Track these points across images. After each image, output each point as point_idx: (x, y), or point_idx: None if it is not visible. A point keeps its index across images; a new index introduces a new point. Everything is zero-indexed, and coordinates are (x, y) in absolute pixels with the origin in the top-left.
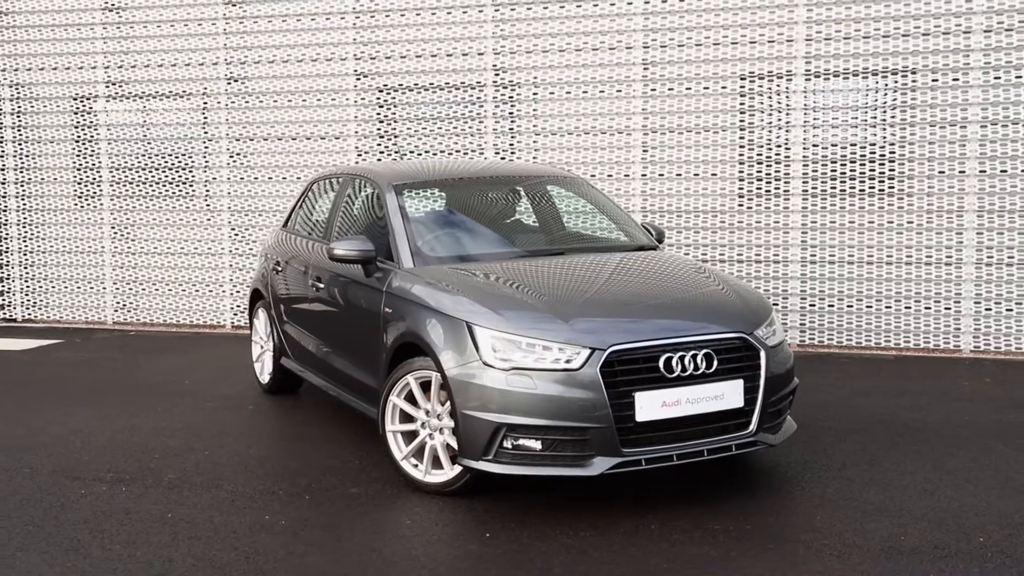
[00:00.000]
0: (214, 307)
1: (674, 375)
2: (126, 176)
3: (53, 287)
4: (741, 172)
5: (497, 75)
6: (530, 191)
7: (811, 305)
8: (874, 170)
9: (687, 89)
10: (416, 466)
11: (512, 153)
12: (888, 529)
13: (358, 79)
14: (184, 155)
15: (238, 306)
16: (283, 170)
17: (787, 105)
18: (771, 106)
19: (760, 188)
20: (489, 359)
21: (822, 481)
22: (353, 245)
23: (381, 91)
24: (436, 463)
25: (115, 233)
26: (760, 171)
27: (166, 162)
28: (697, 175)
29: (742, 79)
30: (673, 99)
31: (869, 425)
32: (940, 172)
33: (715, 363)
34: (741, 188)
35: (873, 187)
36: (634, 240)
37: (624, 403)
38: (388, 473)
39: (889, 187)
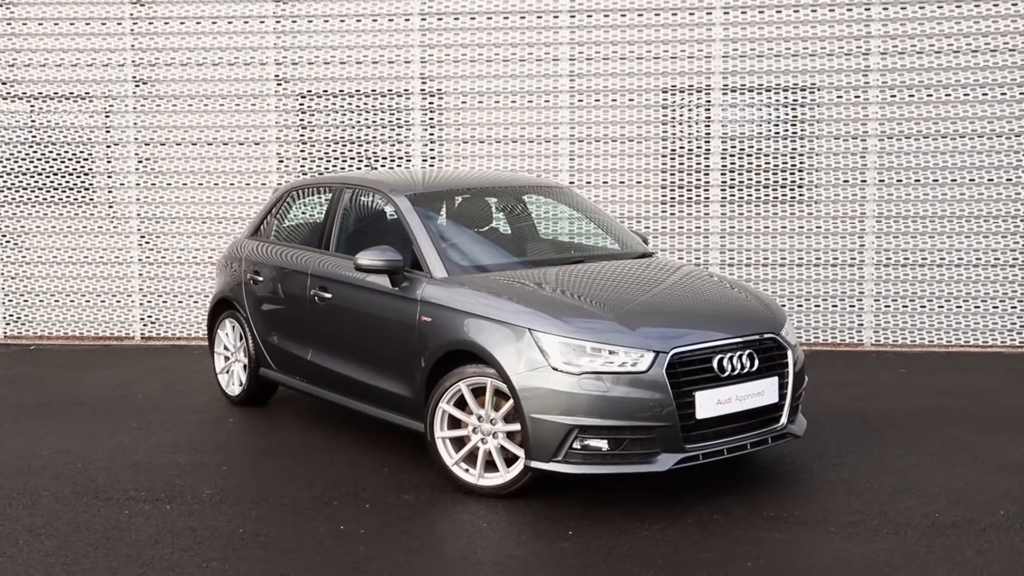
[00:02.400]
0: (121, 318)
1: (725, 375)
2: (18, 181)
3: None
4: (664, 180)
5: (424, 84)
6: (530, 201)
7: None
8: (785, 179)
9: (613, 100)
10: (467, 471)
11: (440, 161)
12: (919, 508)
13: (279, 85)
14: (86, 159)
15: (148, 316)
16: (198, 176)
17: (706, 117)
18: (691, 118)
19: (682, 195)
20: (558, 364)
21: (832, 468)
22: (380, 255)
23: (303, 97)
24: (483, 466)
25: (6, 241)
26: (682, 179)
27: (65, 167)
28: (623, 183)
29: (664, 92)
30: (599, 110)
31: (834, 416)
32: (844, 181)
33: (756, 362)
34: (664, 195)
35: (784, 195)
36: (635, 248)
37: (686, 402)
38: (429, 478)
39: (799, 195)
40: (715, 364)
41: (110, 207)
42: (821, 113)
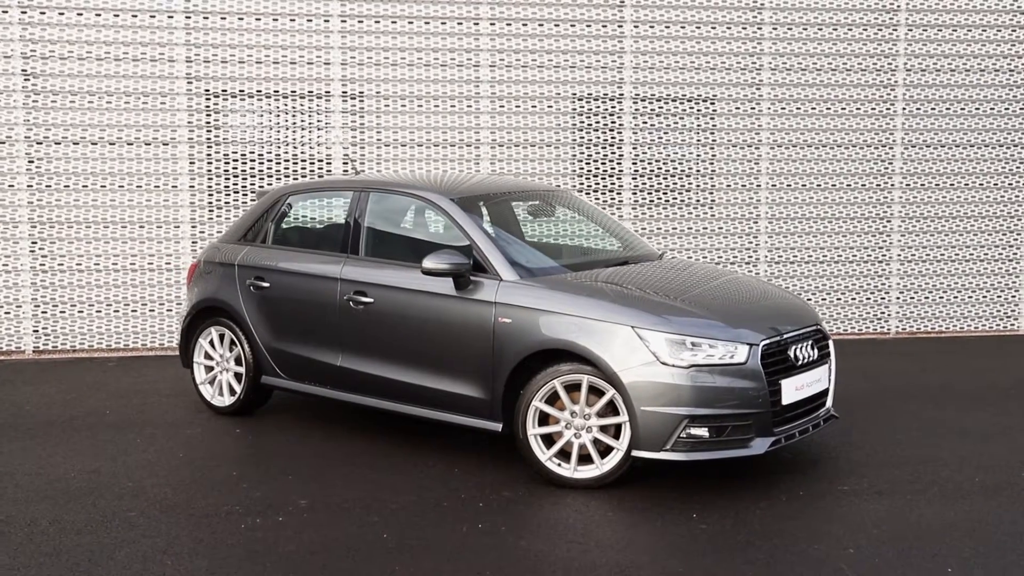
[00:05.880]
0: (10, 331)
1: (799, 363)
2: None
3: None
4: (581, 184)
5: (345, 86)
6: (555, 206)
7: None
8: (689, 183)
9: (533, 106)
10: (559, 465)
11: (363, 163)
12: (960, 475)
13: (190, 83)
14: None
15: (43, 328)
16: (100, 177)
17: (618, 124)
18: (604, 124)
19: (596, 198)
20: (666, 359)
21: (850, 445)
22: (447, 259)
23: (216, 96)
24: (577, 460)
25: None
26: (596, 183)
27: None
28: None
29: (579, 100)
30: (518, 115)
31: None
32: (741, 186)
33: (816, 351)
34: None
35: (688, 198)
36: (650, 249)
37: (774, 389)
38: (508, 475)
39: (701, 198)
40: (791, 354)
41: None
42: (720, 122)
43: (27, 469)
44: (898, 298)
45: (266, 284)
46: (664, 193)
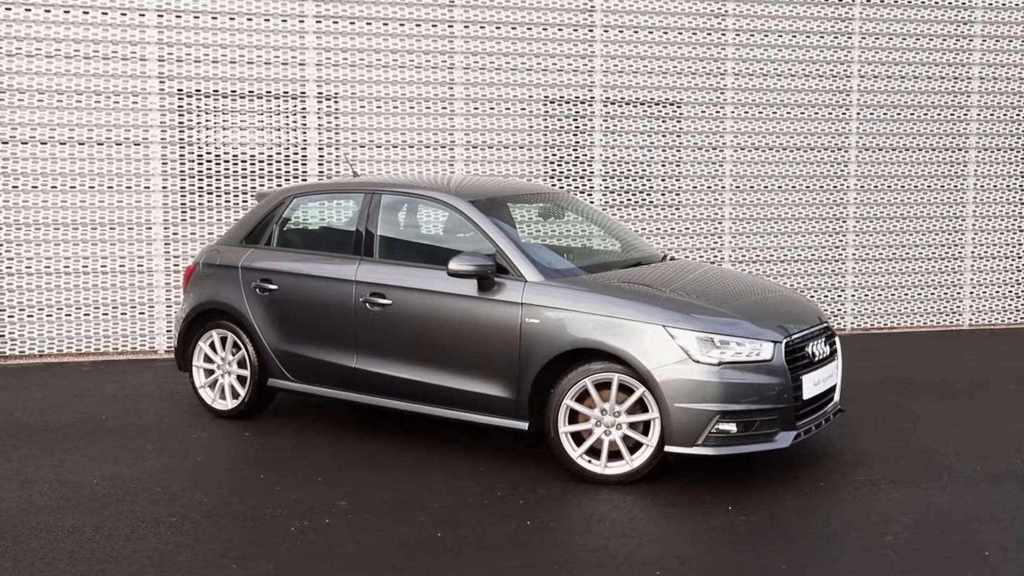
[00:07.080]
0: None
1: (816, 359)
2: None
3: None
4: (553, 184)
5: (320, 87)
6: (564, 209)
7: None
8: (656, 184)
9: (507, 108)
10: (590, 462)
11: (339, 163)
12: (963, 464)
13: (162, 83)
14: None
15: (9, 332)
16: (70, 178)
17: (589, 126)
18: (575, 126)
19: None
20: (697, 356)
21: (849, 437)
22: (473, 261)
23: (189, 96)
24: (607, 457)
25: None
26: (567, 183)
27: None
28: None
29: (552, 102)
30: (491, 117)
31: None
32: (707, 187)
33: (829, 348)
34: None
35: (656, 198)
36: (655, 251)
37: (796, 385)
38: (537, 473)
39: (668, 199)
40: (809, 350)
41: None
42: (686, 126)
43: (45, 476)
44: (853, 295)
45: (273, 286)
46: (632, 194)
